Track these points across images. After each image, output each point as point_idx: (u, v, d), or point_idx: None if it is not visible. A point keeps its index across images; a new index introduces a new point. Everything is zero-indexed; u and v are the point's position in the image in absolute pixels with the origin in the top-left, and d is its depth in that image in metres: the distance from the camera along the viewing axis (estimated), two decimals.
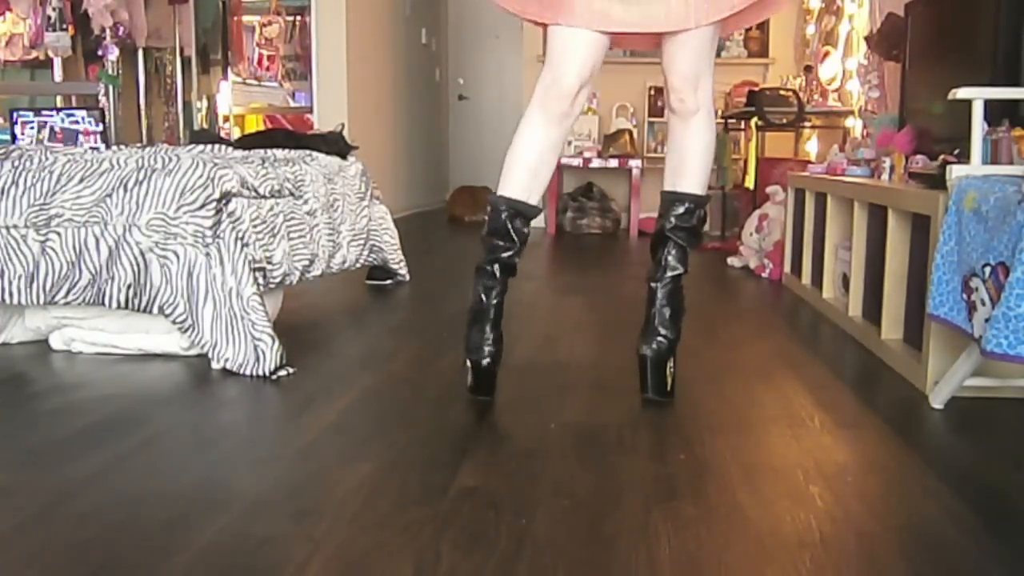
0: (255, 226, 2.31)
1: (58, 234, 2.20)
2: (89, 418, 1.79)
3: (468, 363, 1.90)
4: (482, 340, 1.86)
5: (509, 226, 1.87)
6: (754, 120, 4.91)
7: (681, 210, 1.93)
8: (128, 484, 1.44)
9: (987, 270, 1.68)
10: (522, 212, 1.88)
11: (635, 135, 6.18)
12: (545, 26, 1.86)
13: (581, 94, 1.85)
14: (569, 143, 6.10)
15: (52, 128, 4.18)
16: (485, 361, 1.87)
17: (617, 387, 2.03)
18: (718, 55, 6.42)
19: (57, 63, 5.57)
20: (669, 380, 1.92)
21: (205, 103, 6.35)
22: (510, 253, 1.89)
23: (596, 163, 6.07)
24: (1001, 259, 1.63)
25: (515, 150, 1.89)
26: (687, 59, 1.86)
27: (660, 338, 1.90)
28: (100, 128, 4.23)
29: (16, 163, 2.30)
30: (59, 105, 5.45)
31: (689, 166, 1.94)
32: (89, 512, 1.32)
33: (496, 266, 1.88)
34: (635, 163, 5.99)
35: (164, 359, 2.26)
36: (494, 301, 1.88)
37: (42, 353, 2.34)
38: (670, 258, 1.93)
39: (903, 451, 1.65)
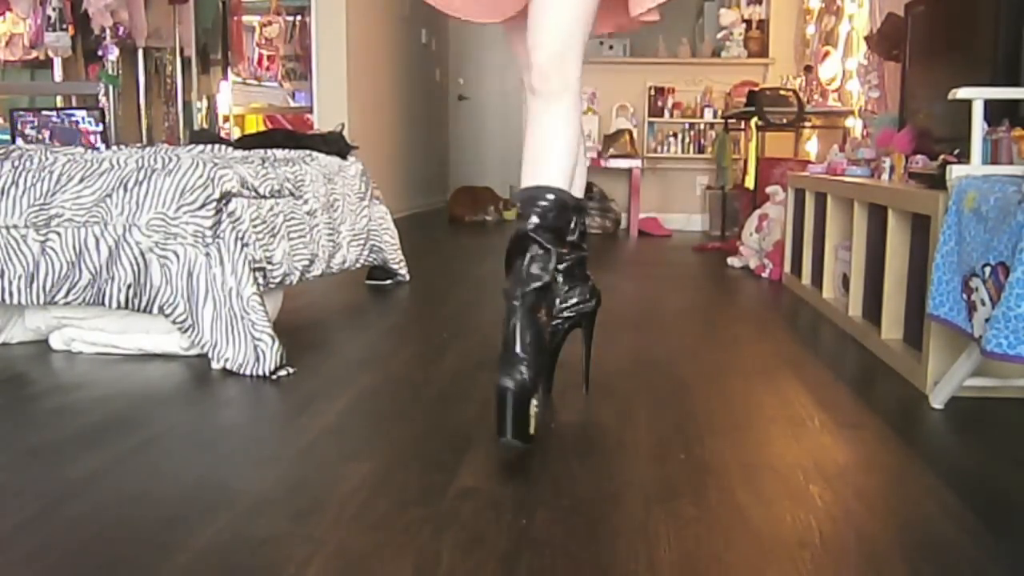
0: (255, 226, 2.31)
1: (58, 234, 2.20)
2: (89, 418, 1.79)
3: None
4: None
5: None
6: (754, 120, 4.91)
7: (546, 203, 1.63)
8: (128, 484, 1.44)
9: (987, 270, 1.68)
10: None
11: (635, 135, 6.18)
12: None
13: None
14: None
15: (52, 128, 4.18)
16: None
17: (617, 387, 2.03)
18: (717, 55, 6.48)
19: (57, 63, 5.57)
20: (532, 421, 1.51)
21: (205, 103, 6.35)
22: None
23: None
24: (1001, 259, 1.63)
25: None
26: (551, 30, 1.66)
27: (523, 367, 1.49)
28: (100, 128, 4.23)
29: (16, 163, 2.30)
30: (59, 105, 5.45)
31: (554, 155, 1.67)
32: (89, 512, 1.32)
33: None
34: (635, 163, 5.99)
35: (164, 359, 2.26)
36: None
37: (42, 353, 2.34)
38: (533, 267, 1.58)
39: (903, 451, 1.65)
